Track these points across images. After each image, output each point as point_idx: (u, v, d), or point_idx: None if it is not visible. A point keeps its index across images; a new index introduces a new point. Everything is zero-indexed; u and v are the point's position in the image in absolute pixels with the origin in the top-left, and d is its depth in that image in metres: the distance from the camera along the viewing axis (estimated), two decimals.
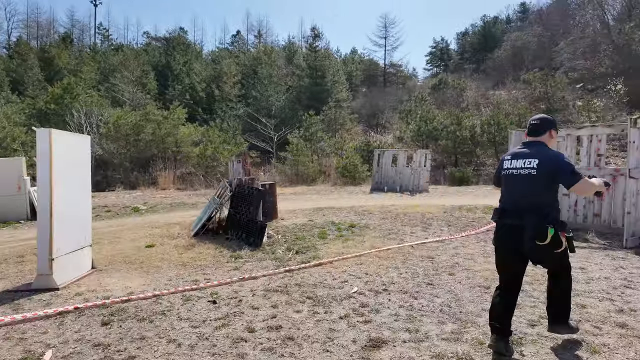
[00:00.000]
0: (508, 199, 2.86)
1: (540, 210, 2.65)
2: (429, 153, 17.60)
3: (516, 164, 2.81)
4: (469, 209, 9.68)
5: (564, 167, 2.65)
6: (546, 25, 44.06)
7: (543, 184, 2.69)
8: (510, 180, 2.84)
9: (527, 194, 2.72)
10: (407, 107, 34.79)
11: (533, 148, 2.81)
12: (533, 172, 2.69)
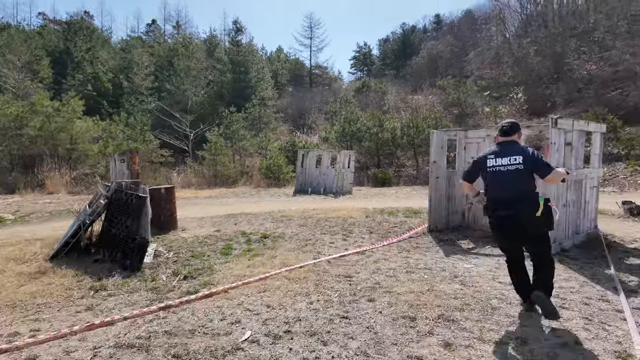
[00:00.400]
0: (499, 192, 3.36)
1: (528, 196, 3.26)
2: (353, 154, 17.25)
3: (502, 161, 3.33)
4: (390, 213, 9.22)
5: (541, 161, 3.29)
6: (458, 37, 47.54)
7: (528, 176, 3.29)
8: (499, 175, 3.35)
9: (517, 185, 3.27)
10: (332, 108, 34.76)
11: (511, 147, 3.38)
12: (520, 167, 3.25)
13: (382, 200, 13.53)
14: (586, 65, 31.60)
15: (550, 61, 33.37)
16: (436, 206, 6.91)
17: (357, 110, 29.99)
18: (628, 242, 5.72)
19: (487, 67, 39.77)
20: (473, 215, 7.13)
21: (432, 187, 6.84)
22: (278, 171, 20.98)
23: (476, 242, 6.09)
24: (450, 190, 7.15)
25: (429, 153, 6.88)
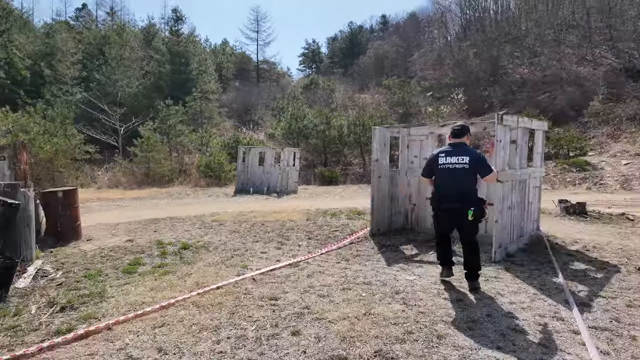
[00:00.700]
0: (445, 187, 3.90)
1: (470, 195, 3.82)
2: (298, 152, 16.54)
3: (451, 160, 3.84)
4: (333, 214, 8.63)
5: (484, 163, 3.84)
6: (403, 37, 48.65)
7: (472, 175, 3.84)
8: (448, 172, 3.86)
9: (462, 183, 3.80)
10: (280, 104, 33.77)
11: (460, 148, 3.90)
12: (466, 167, 3.77)
13: (327, 200, 12.97)
14: (519, 69, 33.61)
15: (488, 64, 35.03)
16: (379, 208, 6.38)
17: (305, 107, 29.36)
18: (569, 244, 5.56)
19: (430, 68, 41.02)
20: (416, 217, 6.71)
21: (374, 187, 6.30)
22: (219, 169, 19.71)
23: (419, 247, 5.64)
24: (393, 190, 6.67)
25: (371, 150, 6.33)
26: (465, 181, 3.80)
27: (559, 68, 30.59)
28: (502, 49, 35.67)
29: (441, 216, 3.96)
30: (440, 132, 6.39)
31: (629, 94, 22.97)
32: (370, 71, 46.54)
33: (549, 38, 34.72)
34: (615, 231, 6.45)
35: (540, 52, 33.93)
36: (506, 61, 34.96)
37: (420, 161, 6.61)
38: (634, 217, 7.59)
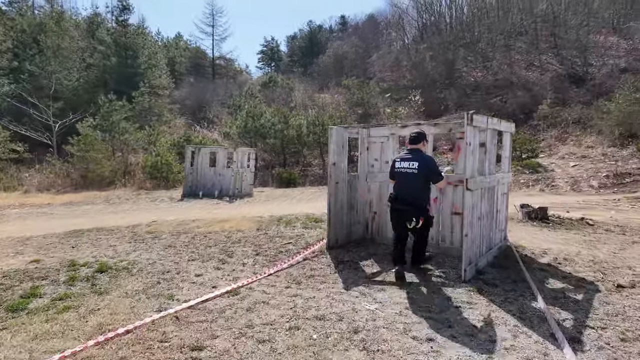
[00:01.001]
0: (399, 190, 4.33)
1: (418, 200, 4.23)
2: (253, 152, 15.56)
3: (404, 164, 4.30)
4: (288, 222, 7.84)
5: (433, 169, 4.28)
6: (362, 38, 48.76)
7: (421, 181, 4.24)
8: (402, 176, 4.33)
9: (411, 187, 4.24)
10: (237, 101, 32.39)
11: (414, 153, 4.34)
12: (415, 172, 4.20)
13: (284, 205, 12.15)
14: (473, 72, 34.61)
15: (443, 67, 35.77)
16: (336, 217, 5.68)
17: (262, 105, 28.29)
18: (539, 255, 5.16)
19: (388, 69, 41.34)
20: (377, 226, 6.09)
21: (331, 194, 5.58)
22: (167, 170, 18.27)
23: (381, 261, 4.99)
24: (352, 197, 6.00)
25: (328, 152, 5.62)
26: (414, 186, 4.17)
27: (510, 73, 31.79)
28: (456, 53, 36.58)
29: (392, 216, 4.37)
30: (401, 134, 5.80)
31: (573, 99, 24.17)
32: (330, 71, 46.18)
33: (500, 44, 36.08)
34: (580, 239, 6.19)
35: (492, 56, 35.15)
36: (461, 65, 35.89)
37: (382, 165, 6.00)
38: (594, 222, 7.47)
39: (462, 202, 5.10)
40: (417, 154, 4.30)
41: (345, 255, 5.28)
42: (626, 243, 5.88)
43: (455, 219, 5.18)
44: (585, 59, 27.20)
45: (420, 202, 4.19)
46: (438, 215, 5.35)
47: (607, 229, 6.98)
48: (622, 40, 27.76)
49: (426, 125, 5.54)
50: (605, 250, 5.41)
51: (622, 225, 7.34)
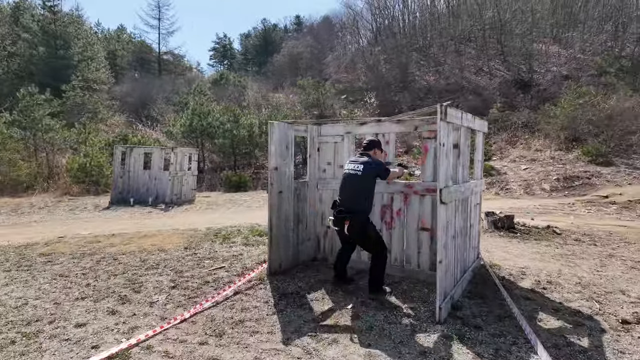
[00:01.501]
0: (340, 193, 3.93)
1: (356, 204, 3.74)
2: (195, 153, 14.01)
3: (350, 166, 3.89)
4: (226, 236, 6.61)
5: (381, 167, 3.85)
6: (317, 39, 48.07)
7: (363, 182, 3.77)
8: (345, 178, 3.92)
9: (351, 190, 3.81)
10: (183, 99, 30.22)
11: (361, 157, 3.92)
12: (358, 173, 3.78)
13: (228, 213, 10.82)
14: (425, 76, 35.05)
15: (397, 71, 35.89)
16: (280, 236, 4.57)
17: (210, 102, 26.48)
18: (518, 277, 4.39)
19: (343, 71, 40.93)
20: (331, 243, 5.05)
21: (273, 207, 4.47)
22: (98, 173, 16.13)
23: (334, 293, 3.95)
24: (300, 209, 4.92)
25: (268, 154, 4.49)
26: (355, 189, 3.78)
27: (461, 77, 32.48)
28: (409, 57, 36.91)
29: (334, 221, 3.85)
30: (358, 132, 4.82)
31: (520, 104, 24.90)
32: (284, 70, 44.99)
33: (451, 49, 36.90)
34: (554, 252, 5.56)
35: (443, 61, 35.84)
36: (414, 68, 36.23)
37: (335, 169, 4.98)
38: (560, 230, 6.98)
39: (430, 215, 4.21)
40: (363, 157, 3.89)
41: (290, 285, 4.18)
42: (603, 257, 5.31)
43: (423, 236, 4.26)
44: (530, 66, 28.28)
45: (358, 207, 3.72)
46: (402, 231, 4.41)
47: (577, 238, 6.48)
48: (562, 50, 29.22)
49: (388, 122, 4.59)
50: (586, 268, 4.77)
51: (589, 234, 6.90)
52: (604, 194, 12.81)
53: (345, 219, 3.66)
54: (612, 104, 17.89)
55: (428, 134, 4.23)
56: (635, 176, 14.22)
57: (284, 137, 4.58)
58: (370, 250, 3.89)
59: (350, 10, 46.97)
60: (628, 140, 16.47)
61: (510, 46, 32.64)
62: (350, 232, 3.66)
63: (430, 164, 4.22)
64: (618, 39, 27.15)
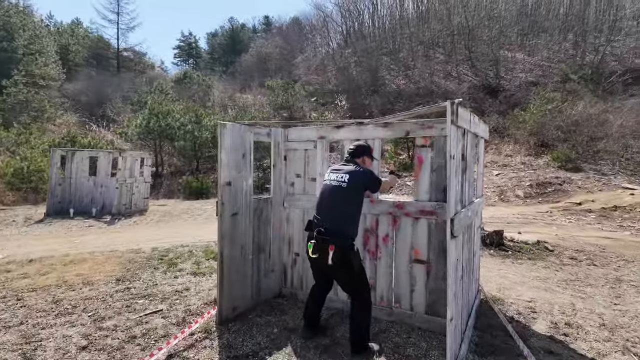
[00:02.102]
0: (318, 211, 2.98)
1: (340, 224, 2.81)
2: (149, 156, 12.60)
3: (333, 176, 2.98)
4: (174, 260, 5.49)
5: (372, 177, 2.97)
6: (286, 40, 47.05)
7: (349, 198, 2.87)
8: (324, 191, 2.99)
9: (333, 206, 2.88)
10: (143, 98, 28.27)
11: (346, 166, 3.02)
12: (343, 185, 2.88)
13: (184, 226, 9.59)
14: (396, 80, 34.88)
15: (368, 74, 35.53)
16: (234, 271, 3.55)
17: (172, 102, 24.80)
18: (529, 317, 3.60)
19: (313, 73, 40.15)
20: (301, 275, 4.07)
21: (224, 235, 3.44)
22: (38, 179, 14.31)
23: (304, 352, 2.97)
24: (261, 233, 3.91)
25: (218, 164, 3.45)
26: (338, 205, 2.87)
27: (430, 82, 32.50)
28: (379, 61, 36.68)
29: (306, 245, 2.93)
30: (335, 137, 3.88)
31: (489, 109, 25.01)
32: (253, 71, 43.64)
33: (420, 53, 37.01)
34: (556, 276, 4.87)
35: (413, 65, 35.85)
36: (384, 72, 36.02)
37: (306, 183, 4.03)
38: (552, 246, 6.37)
39: (426, 244, 3.33)
40: (349, 166, 3.02)
41: (245, 340, 3.15)
42: (611, 282, 4.67)
43: (417, 270, 3.38)
44: (497, 72, 28.63)
45: (343, 227, 2.80)
46: (390, 263, 3.51)
47: (572, 256, 5.86)
48: (528, 57, 29.84)
49: (372, 125, 3.68)
50: (601, 300, 4.06)
51: (581, 249, 6.33)
52: (577, 201, 12.63)
53: (329, 244, 2.70)
54: (580, 109, 18.08)
55: (423, 141, 3.35)
56: (605, 182, 14.22)
57: (239, 142, 3.55)
58: (350, 291, 2.93)
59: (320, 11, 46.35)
60: (595, 146, 16.62)
61: (478, 52, 33.07)
62: (334, 262, 2.70)
63: (426, 179, 3.34)
64: (579, 48, 28.02)
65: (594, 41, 27.93)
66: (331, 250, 2.70)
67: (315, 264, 2.90)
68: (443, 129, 3.22)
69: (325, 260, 2.71)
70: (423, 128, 3.33)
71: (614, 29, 26.82)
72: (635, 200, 11.46)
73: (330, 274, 2.92)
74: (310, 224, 2.94)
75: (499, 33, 31.57)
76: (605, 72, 22.70)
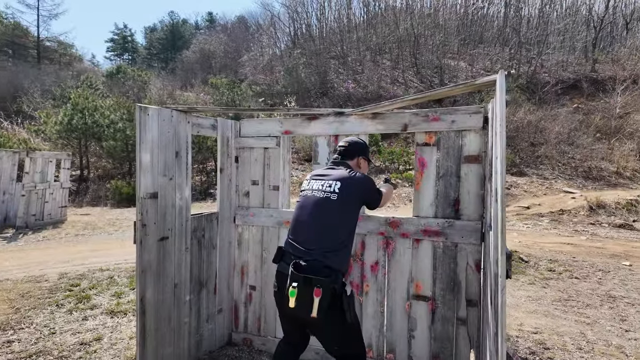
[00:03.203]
0: (294, 232, 2.05)
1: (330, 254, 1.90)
2: (67, 158, 10.67)
3: (315, 184, 2.10)
4: (87, 292, 4.19)
5: (369, 188, 2.12)
6: (232, 38, 45.19)
7: (341, 215, 2.00)
8: (304, 205, 2.09)
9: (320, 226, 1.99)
10: (66, 92, 25.11)
11: (337, 169, 2.15)
12: (333, 197, 2.00)
13: (109, 240, 8.03)
14: (344, 84, 34.76)
15: (316, 77, 35.08)
16: (162, 319, 2.46)
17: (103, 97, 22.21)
18: (544, 356, 2.92)
19: (261, 72, 38.84)
20: (258, 316, 3.06)
21: (145, 267, 2.36)
22: None
23: None
24: (202, 262, 2.85)
25: (137, 167, 2.36)
26: (326, 226, 1.94)
27: (378, 87, 32.79)
28: (328, 64, 36.40)
29: (276, 286, 1.98)
30: (306, 133, 2.95)
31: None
32: (196, 68, 41.27)
33: (367, 58, 37.34)
34: (547, 295, 4.35)
35: (361, 70, 36.03)
36: (333, 75, 35.78)
37: (266, 192, 3.03)
38: (527, 256, 5.97)
39: (430, 274, 2.51)
40: (340, 170, 2.12)
41: None
42: (605, 300, 4.23)
43: (418, 310, 2.54)
44: (441, 79, 29.53)
45: (333, 259, 1.90)
46: (381, 298, 2.64)
47: (549, 268, 5.47)
48: (469, 65, 31.19)
49: (356, 117, 2.78)
50: (609, 327, 3.55)
51: (554, 259, 6.01)
52: (525, 205, 12.87)
53: (314, 286, 1.77)
54: (521, 116, 18.88)
55: (427, 138, 2.53)
56: (547, 186, 14.76)
57: (171, 135, 2.48)
58: (341, 354, 1.99)
59: (268, 11, 45.19)
60: (536, 151, 17.36)
61: (423, 59, 34.03)
62: (320, 311, 1.77)
63: (431, 189, 2.52)
64: (514, 59, 29.80)
65: (526, 54, 29.90)
66: (317, 296, 1.77)
67: (289, 314, 1.92)
68: (454, 121, 2.43)
69: (306, 310, 1.78)
70: (427, 120, 2.51)
71: (544, 43, 28.89)
72: (578, 204, 11.85)
73: (311, 328, 2.00)
74: (283, 254, 2.01)
75: (443, 41, 32.72)
76: (540, 83, 24.18)
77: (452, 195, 2.45)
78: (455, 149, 2.43)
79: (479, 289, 2.39)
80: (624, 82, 20.08)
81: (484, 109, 2.34)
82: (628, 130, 17.58)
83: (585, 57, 27.71)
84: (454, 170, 2.45)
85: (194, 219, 2.73)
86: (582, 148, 17.04)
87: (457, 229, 2.40)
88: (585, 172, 15.82)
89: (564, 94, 23.08)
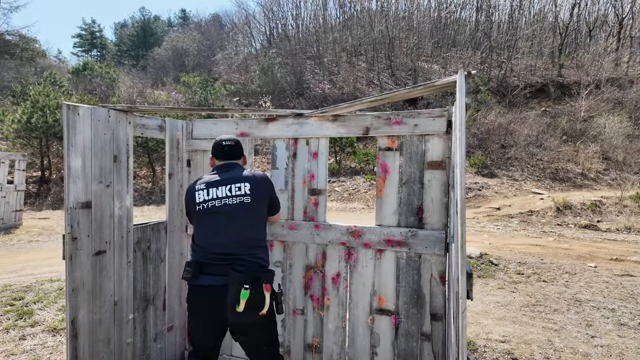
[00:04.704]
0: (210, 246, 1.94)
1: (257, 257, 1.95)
2: (22, 159, 10.02)
3: (218, 193, 1.96)
4: (28, 307, 3.83)
5: (273, 191, 2.17)
6: (206, 36, 44.28)
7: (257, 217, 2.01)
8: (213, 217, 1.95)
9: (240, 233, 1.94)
10: (26, 89, 23.78)
11: (233, 171, 2.06)
12: (247, 200, 1.96)
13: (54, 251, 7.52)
14: (320, 84, 34.67)
15: (292, 77, 34.85)
16: (99, 342, 2.21)
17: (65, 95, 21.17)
18: None
19: (235, 71, 38.22)
20: None
21: (77, 286, 2.09)
22: None
23: None
24: (148, 276, 2.61)
25: (65, 174, 2.10)
26: (247, 230, 1.94)
27: (354, 88, 32.88)
28: (304, 64, 36.24)
29: (194, 302, 1.91)
30: (264, 135, 2.76)
31: None
32: (168, 66, 40.17)
33: (343, 60, 37.41)
34: (515, 300, 4.31)
35: (337, 71, 36.05)
36: (309, 76, 35.64)
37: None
38: (496, 259, 5.97)
39: (394, 286, 2.37)
40: (238, 171, 2.07)
41: None
42: (571, 304, 4.23)
43: (381, 324, 2.39)
44: (415, 81, 29.89)
45: (262, 255, 1.99)
46: (343, 313, 2.47)
47: (518, 271, 5.48)
48: (442, 68, 31.74)
49: (316, 119, 2.61)
50: (576, 332, 3.52)
51: (523, 262, 6.05)
52: (496, 206, 13.09)
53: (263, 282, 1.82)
54: (492, 118, 19.30)
55: (389, 143, 2.38)
56: (517, 187, 15.11)
57: (107, 138, 2.22)
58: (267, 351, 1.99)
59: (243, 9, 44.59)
60: (506, 153, 17.77)
61: (398, 62, 34.40)
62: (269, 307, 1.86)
63: (393, 196, 2.38)
64: (485, 63, 30.55)
65: (497, 58, 30.72)
66: (267, 291, 1.82)
67: (230, 322, 1.84)
68: (417, 125, 2.29)
69: (256, 310, 1.77)
70: (389, 124, 2.36)
71: (513, 48, 29.74)
72: (546, 205, 12.16)
73: (245, 332, 1.91)
74: (201, 267, 1.90)
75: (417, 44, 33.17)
76: (510, 86, 24.85)
77: (416, 203, 2.31)
78: (419, 154, 2.30)
79: (443, 302, 2.26)
80: (587, 86, 20.90)
81: (448, 113, 2.22)
82: (592, 133, 18.26)
83: (552, 62, 28.70)
84: (417, 176, 2.31)
85: (137, 230, 2.48)
86: (549, 150, 17.58)
87: (420, 238, 2.27)
88: (553, 173, 16.30)
89: (532, 98, 23.79)
